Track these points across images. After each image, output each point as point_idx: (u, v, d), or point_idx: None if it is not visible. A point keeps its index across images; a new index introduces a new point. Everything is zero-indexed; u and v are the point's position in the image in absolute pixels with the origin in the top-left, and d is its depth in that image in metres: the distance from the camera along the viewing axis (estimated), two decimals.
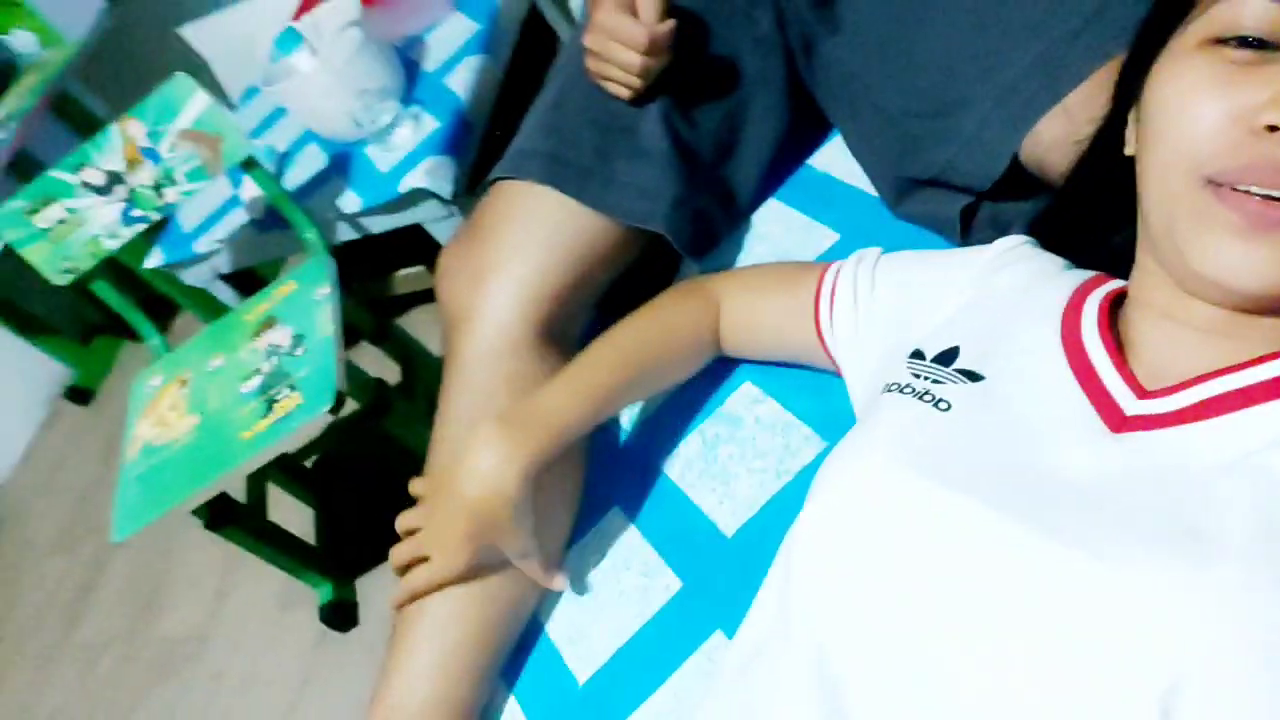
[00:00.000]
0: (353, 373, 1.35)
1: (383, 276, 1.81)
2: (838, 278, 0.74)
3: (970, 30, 0.75)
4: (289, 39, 1.55)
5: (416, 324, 1.91)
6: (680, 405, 0.88)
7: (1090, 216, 0.63)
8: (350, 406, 1.31)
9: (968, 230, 0.82)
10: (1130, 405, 0.50)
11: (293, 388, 1.28)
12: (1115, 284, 0.59)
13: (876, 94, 0.85)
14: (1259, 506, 0.43)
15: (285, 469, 1.69)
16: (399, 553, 0.78)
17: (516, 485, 0.70)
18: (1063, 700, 0.43)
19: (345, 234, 1.60)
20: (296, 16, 1.62)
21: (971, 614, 0.46)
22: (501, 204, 0.89)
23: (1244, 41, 0.46)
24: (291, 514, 1.73)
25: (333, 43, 1.54)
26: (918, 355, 0.60)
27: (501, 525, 0.72)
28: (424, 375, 1.74)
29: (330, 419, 1.25)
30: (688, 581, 0.78)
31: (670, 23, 0.81)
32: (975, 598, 0.46)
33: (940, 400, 0.55)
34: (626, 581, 0.81)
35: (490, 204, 0.90)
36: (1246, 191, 0.45)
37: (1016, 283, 0.63)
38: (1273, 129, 0.44)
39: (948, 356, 0.59)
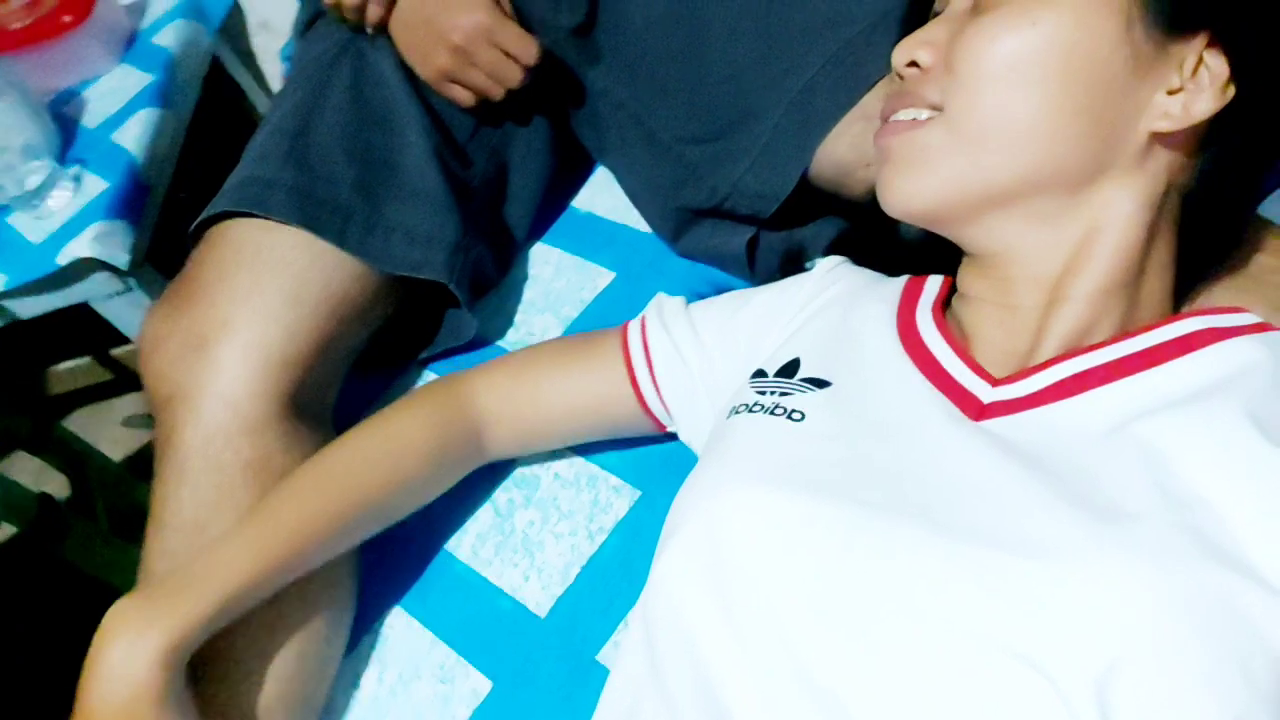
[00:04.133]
0: (6, 489, 1.07)
1: (38, 371, 1.50)
2: (645, 337, 0.67)
3: (755, 38, 0.72)
4: None
5: (85, 425, 1.59)
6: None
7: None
8: (5, 531, 1.03)
9: (753, 265, 0.79)
10: (985, 393, 0.50)
11: None
12: (937, 280, 0.60)
13: (650, 122, 0.80)
14: (1151, 474, 0.42)
15: None
16: None
17: (155, 679, 0.51)
18: (984, 704, 0.38)
19: None
20: None
21: (870, 624, 0.42)
22: (224, 250, 0.72)
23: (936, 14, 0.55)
24: None
25: None
26: (759, 374, 0.57)
27: None
28: (100, 486, 1.45)
29: None
30: (499, 679, 0.66)
31: (538, 42, 0.77)
32: (871, 607, 0.42)
33: (792, 411, 0.52)
34: (420, 692, 0.67)
35: (208, 252, 0.73)
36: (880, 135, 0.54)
37: (843, 296, 0.61)
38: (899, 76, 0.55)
39: (790, 369, 0.56)
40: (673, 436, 0.70)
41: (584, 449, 0.75)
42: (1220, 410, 0.43)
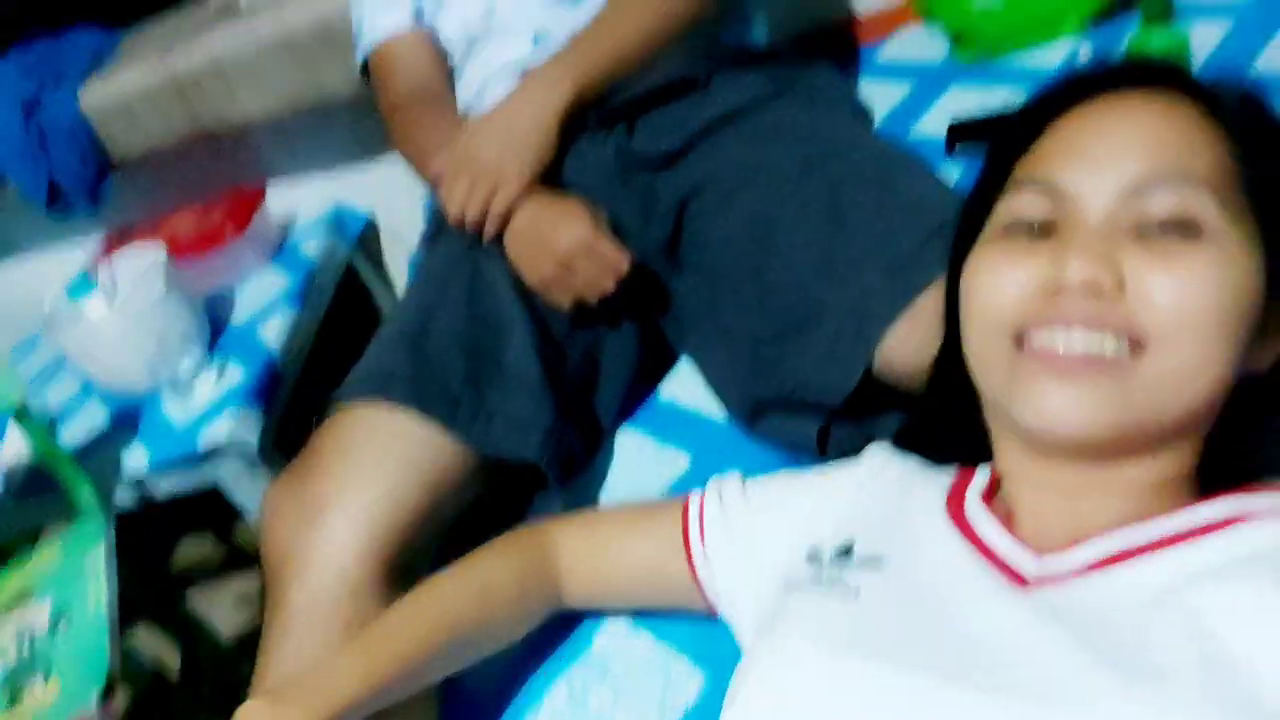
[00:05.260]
0: (126, 655, 1.14)
1: (162, 548, 1.60)
2: (703, 509, 0.71)
3: (817, 253, 0.80)
4: (82, 285, 1.44)
5: (200, 601, 1.68)
6: (540, 650, 0.79)
7: (951, 413, 0.65)
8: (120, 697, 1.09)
9: (824, 450, 0.83)
10: (1030, 567, 0.52)
11: (49, 675, 1.06)
12: (987, 470, 0.62)
13: (727, 321, 0.87)
14: (1193, 639, 0.43)
15: None
16: None
17: None
18: None
19: (125, 499, 1.41)
20: (93, 264, 1.52)
21: None
22: (344, 430, 0.81)
23: (1030, 228, 0.54)
24: None
25: (130, 290, 1.45)
26: (814, 555, 0.60)
27: None
28: (209, 660, 1.51)
29: (96, 715, 1.03)
30: None
31: (631, 254, 0.87)
32: None
33: (848, 588, 0.55)
34: None
35: (329, 431, 0.82)
36: (1050, 349, 0.50)
37: (895, 484, 0.64)
38: (1059, 288, 0.51)
39: (846, 550, 0.59)
40: None
41: (660, 630, 0.76)
42: (1266, 579, 0.44)
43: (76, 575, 1.19)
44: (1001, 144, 0.60)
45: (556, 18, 1.04)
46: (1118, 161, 0.51)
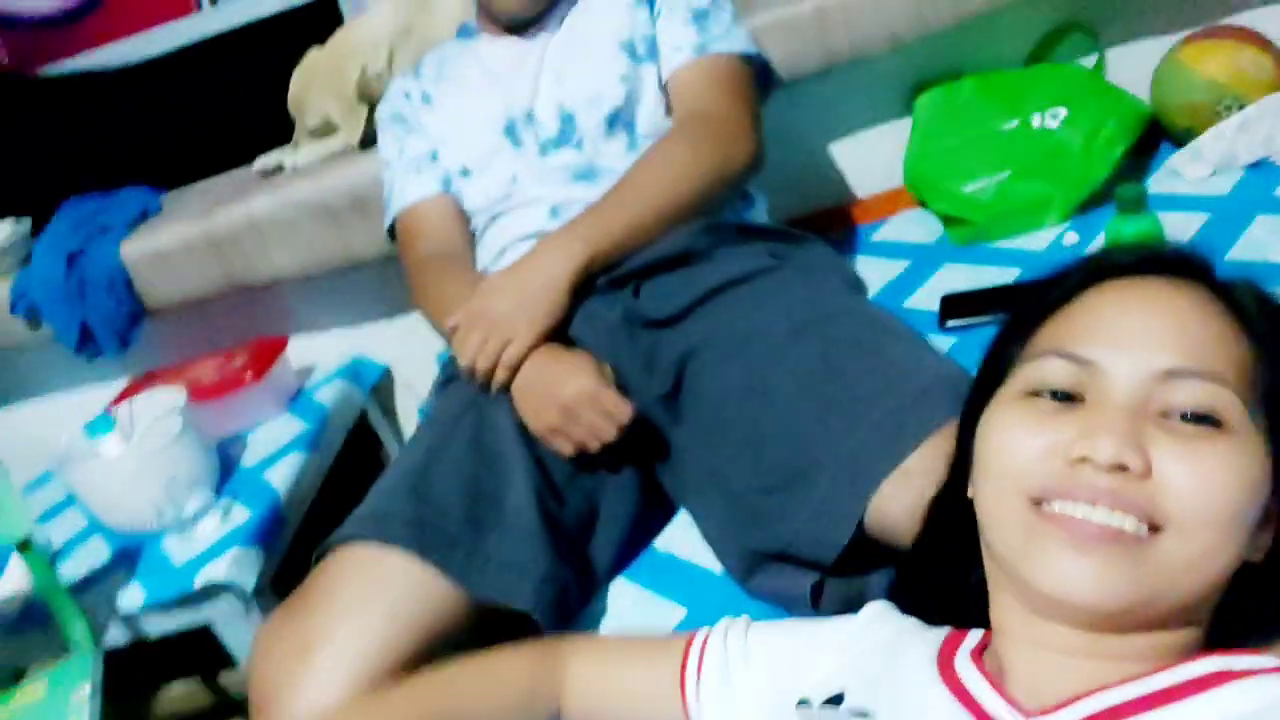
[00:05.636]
0: None
1: (149, 689, 1.57)
2: (705, 648, 0.72)
3: (813, 407, 0.83)
4: (101, 425, 1.48)
5: None
6: None
7: (944, 568, 0.67)
8: None
9: (818, 606, 0.84)
10: None
11: None
12: (978, 633, 0.62)
13: (723, 474, 0.90)
14: None
15: None
16: None
17: None
18: None
19: (117, 637, 1.40)
20: (114, 404, 1.57)
21: None
22: (338, 570, 0.83)
23: (1053, 394, 0.56)
24: None
25: (147, 430, 1.49)
26: (804, 702, 0.60)
27: None
28: None
29: None
30: None
31: (633, 406, 0.92)
32: None
33: None
34: None
35: (324, 572, 0.84)
36: (1070, 517, 0.51)
37: (889, 639, 0.65)
38: (1083, 460, 0.52)
39: (836, 700, 0.59)
40: None
41: None
42: None
43: (61, 713, 1.17)
44: (1027, 306, 0.62)
45: (574, 192, 1.13)
46: (1150, 346, 0.53)
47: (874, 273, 1.37)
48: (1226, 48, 1.32)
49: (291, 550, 1.48)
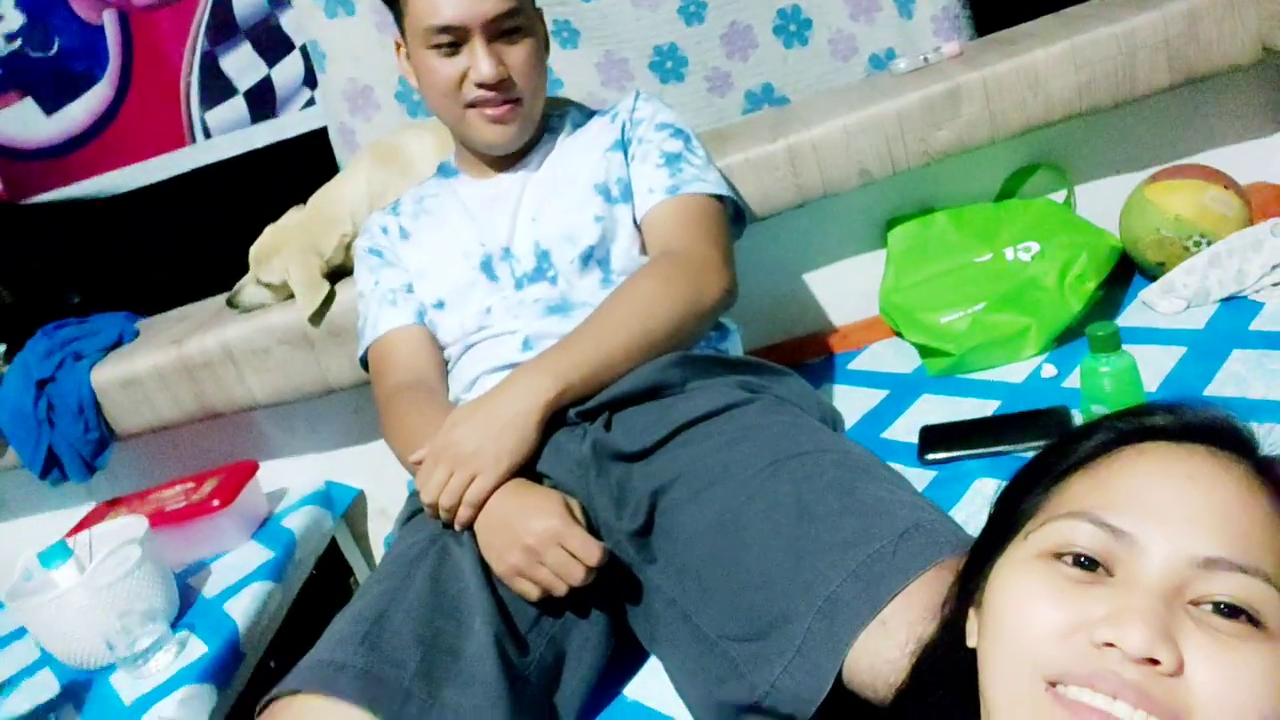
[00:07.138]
0: None
1: None
2: None
3: (786, 550, 0.80)
4: (56, 553, 1.43)
5: None
6: None
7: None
8: None
9: None
10: None
11: None
12: None
13: (696, 618, 0.86)
14: None
15: None
16: None
17: None
18: None
19: None
20: (72, 533, 1.52)
21: None
22: None
23: (1077, 560, 0.53)
24: None
25: (103, 561, 1.43)
26: None
27: None
28: None
29: None
30: None
31: (602, 546, 0.88)
32: None
33: None
34: None
35: None
36: (1089, 707, 0.48)
37: None
38: (1109, 645, 0.48)
39: None
40: None
41: None
42: None
43: None
44: (1054, 453, 0.60)
45: (548, 325, 1.13)
46: (1191, 526, 0.51)
47: (852, 402, 1.36)
48: (1192, 186, 1.35)
49: (251, 685, 1.41)
